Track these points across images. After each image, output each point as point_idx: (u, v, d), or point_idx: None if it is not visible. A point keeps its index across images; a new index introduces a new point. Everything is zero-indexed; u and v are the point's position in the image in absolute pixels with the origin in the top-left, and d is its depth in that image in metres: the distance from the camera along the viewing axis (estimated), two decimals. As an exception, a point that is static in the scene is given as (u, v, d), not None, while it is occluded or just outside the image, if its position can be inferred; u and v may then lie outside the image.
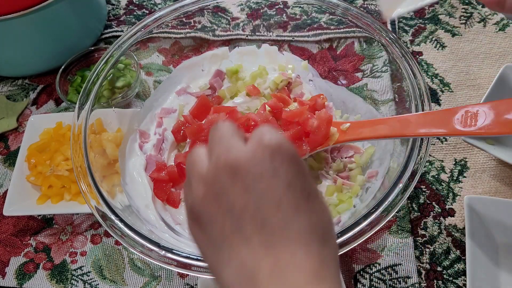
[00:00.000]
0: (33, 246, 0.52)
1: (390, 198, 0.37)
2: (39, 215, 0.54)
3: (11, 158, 0.59)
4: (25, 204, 0.51)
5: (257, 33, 0.61)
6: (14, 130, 0.62)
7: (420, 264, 0.47)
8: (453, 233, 0.49)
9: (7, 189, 0.52)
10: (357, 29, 0.51)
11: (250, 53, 0.60)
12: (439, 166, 0.53)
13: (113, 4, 0.76)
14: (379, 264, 0.47)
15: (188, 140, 0.51)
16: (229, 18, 0.63)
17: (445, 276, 0.46)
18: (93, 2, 0.68)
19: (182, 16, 0.55)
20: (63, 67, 0.62)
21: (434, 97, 0.59)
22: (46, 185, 0.52)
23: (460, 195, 0.51)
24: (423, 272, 0.46)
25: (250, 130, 0.46)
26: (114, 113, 0.52)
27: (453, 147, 0.55)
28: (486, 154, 0.52)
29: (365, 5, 0.71)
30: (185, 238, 0.46)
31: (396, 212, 0.37)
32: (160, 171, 0.49)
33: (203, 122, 0.50)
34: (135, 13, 0.74)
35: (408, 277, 0.46)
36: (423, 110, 0.42)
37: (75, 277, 0.49)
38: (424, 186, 0.52)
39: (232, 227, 0.22)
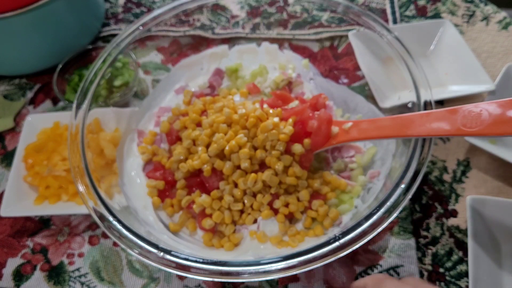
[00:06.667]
0: (30, 247, 0.51)
1: (392, 199, 0.37)
2: (36, 216, 0.53)
3: (8, 158, 0.59)
4: (22, 204, 0.51)
5: (257, 31, 0.61)
6: (11, 130, 0.62)
7: (422, 266, 0.46)
8: (455, 234, 0.48)
9: (4, 190, 0.51)
10: (359, 27, 0.51)
11: (250, 52, 0.59)
12: (442, 166, 0.53)
13: (111, 2, 0.75)
14: (381, 266, 0.46)
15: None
16: (228, 16, 0.62)
17: (447, 277, 0.46)
18: (91, 0, 0.67)
19: (181, 14, 0.54)
20: (60, 66, 0.61)
21: (436, 96, 0.59)
22: (43, 186, 0.51)
23: (462, 196, 0.51)
24: (425, 273, 0.46)
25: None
26: (112, 113, 0.51)
27: (456, 147, 0.54)
28: (489, 154, 0.51)
29: (366, 3, 0.70)
30: (183, 240, 0.45)
31: (398, 213, 0.36)
32: (158, 172, 0.49)
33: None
34: (133, 11, 0.74)
35: (410, 279, 0.45)
36: (425, 109, 0.41)
37: (72, 279, 0.48)
38: (426, 187, 0.51)
39: None
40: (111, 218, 0.38)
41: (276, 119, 0.44)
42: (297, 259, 0.34)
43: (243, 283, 0.46)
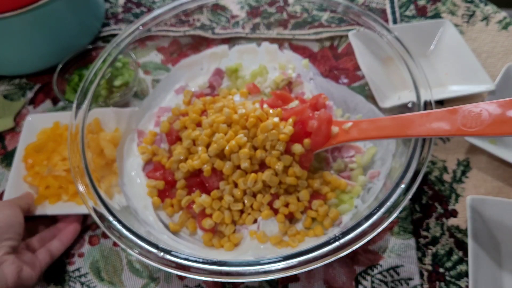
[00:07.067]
0: (30, 247, 0.51)
1: (392, 199, 0.37)
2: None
3: (8, 158, 0.59)
4: None
5: (257, 31, 0.61)
6: (11, 130, 0.62)
7: (422, 266, 0.46)
8: (455, 234, 0.48)
9: (4, 190, 0.51)
10: (359, 27, 0.51)
11: (250, 52, 0.59)
12: (442, 166, 0.53)
13: (111, 2, 0.75)
14: (381, 266, 0.46)
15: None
16: (228, 16, 0.63)
17: (447, 277, 0.46)
18: (91, 0, 0.67)
19: (181, 14, 0.54)
20: (60, 66, 0.61)
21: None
22: (43, 186, 0.51)
23: (462, 196, 0.51)
24: (425, 273, 0.46)
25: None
26: (112, 113, 0.51)
27: (456, 147, 0.54)
28: (489, 154, 0.51)
29: (366, 3, 0.70)
30: (183, 240, 0.45)
31: (398, 213, 0.36)
32: (158, 172, 0.49)
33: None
34: (133, 11, 0.74)
35: (410, 279, 0.45)
36: (425, 109, 0.41)
37: (72, 279, 0.48)
38: (426, 187, 0.51)
39: None
40: (111, 218, 0.38)
41: (276, 119, 0.44)
42: (297, 259, 0.34)
43: (243, 283, 0.46)
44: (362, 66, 0.53)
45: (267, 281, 0.46)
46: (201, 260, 0.35)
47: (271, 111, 0.46)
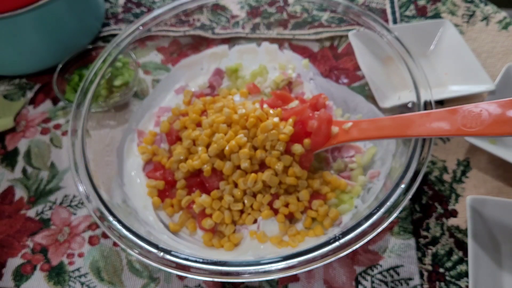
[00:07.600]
0: (30, 247, 0.51)
1: (392, 199, 0.37)
2: (36, 215, 0.53)
3: (8, 158, 0.59)
4: None
5: (257, 31, 0.61)
6: (11, 130, 0.62)
7: (422, 266, 0.46)
8: (455, 234, 0.48)
9: (4, 190, 0.51)
10: (359, 27, 0.51)
11: (250, 52, 0.59)
12: (442, 166, 0.53)
13: (111, 2, 0.75)
14: (381, 266, 0.46)
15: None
16: (228, 16, 0.63)
17: (447, 277, 0.46)
18: (91, 0, 0.67)
19: (181, 14, 0.54)
20: (60, 65, 0.61)
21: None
22: None
23: (462, 196, 0.51)
24: (425, 273, 0.46)
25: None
26: None
27: (456, 147, 0.54)
28: (489, 154, 0.51)
29: (367, 3, 0.70)
30: (183, 240, 0.45)
31: (398, 213, 0.36)
32: (158, 172, 0.49)
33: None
34: (133, 11, 0.74)
35: (410, 279, 0.45)
36: (425, 109, 0.41)
37: (72, 279, 0.48)
38: (426, 187, 0.51)
39: None
40: (111, 218, 0.38)
41: (276, 119, 0.44)
42: (297, 259, 0.34)
43: (243, 283, 0.46)
44: (362, 66, 0.53)
45: (267, 281, 0.46)
46: (201, 260, 0.35)
47: (271, 111, 0.46)
